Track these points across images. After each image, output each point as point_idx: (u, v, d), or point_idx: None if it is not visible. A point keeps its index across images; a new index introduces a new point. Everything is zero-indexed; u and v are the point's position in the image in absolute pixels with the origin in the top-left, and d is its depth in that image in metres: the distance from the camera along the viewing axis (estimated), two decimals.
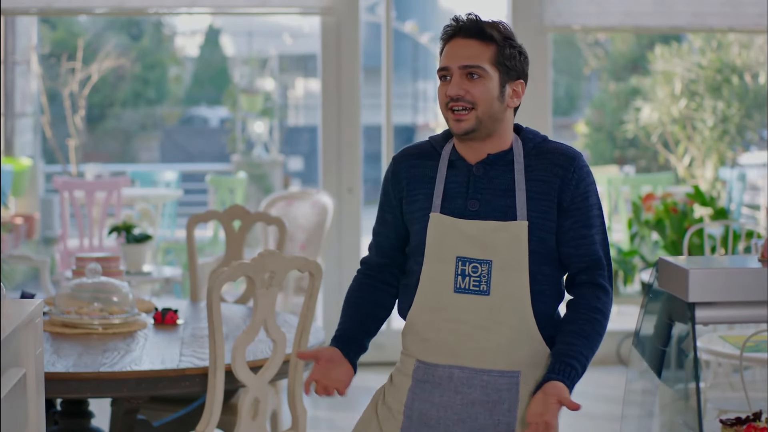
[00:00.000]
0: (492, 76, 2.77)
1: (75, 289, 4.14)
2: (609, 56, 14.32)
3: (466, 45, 2.78)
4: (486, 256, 2.78)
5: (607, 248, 2.86)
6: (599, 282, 2.83)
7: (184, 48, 16.31)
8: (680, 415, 3.20)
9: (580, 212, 2.81)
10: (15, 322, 2.54)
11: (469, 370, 2.81)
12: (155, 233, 8.84)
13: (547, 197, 2.79)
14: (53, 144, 11.35)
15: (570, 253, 2.82)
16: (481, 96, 2.77)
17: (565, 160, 2.81)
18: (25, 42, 10.66)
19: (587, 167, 2.84)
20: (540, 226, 2.78)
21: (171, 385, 3.61)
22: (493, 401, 2.80)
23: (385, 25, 7.30)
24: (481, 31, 2.78)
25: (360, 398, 6.72)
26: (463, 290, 2.79)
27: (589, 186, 2.83)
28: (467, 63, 2.77)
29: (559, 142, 2.88)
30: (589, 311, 2.80)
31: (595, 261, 2.82)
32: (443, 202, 2.82)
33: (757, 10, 7.18)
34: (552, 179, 2.80)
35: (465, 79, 2.78)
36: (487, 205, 2.79)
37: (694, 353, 3.05)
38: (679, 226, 7.23)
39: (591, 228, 2.82)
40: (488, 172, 2.81)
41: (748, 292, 3.02)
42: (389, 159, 7.28)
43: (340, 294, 7.17)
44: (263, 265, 3.56)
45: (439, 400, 2.83)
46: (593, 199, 2.83)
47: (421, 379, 2.86)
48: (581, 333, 2.78)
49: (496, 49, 2.78)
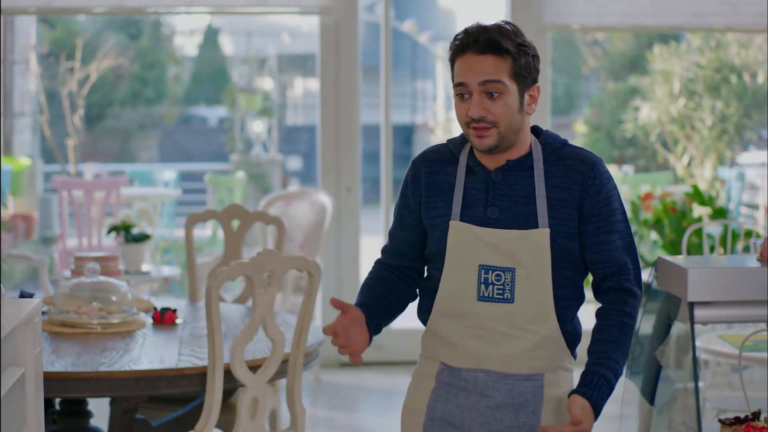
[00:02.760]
0: (511, 89, 2.72)
1: (74, 289, 4.14)
2: (608, 56, 14.32)
3: (481, 61, 2.72)
4: (509, 264, 2.76)
5: (633, 252, 2.82)
6: (625, 286, 2.80)
7: (182, 47, 16.29)
8: (679, 414, 3.20)
9: (602, 218, 2.78)
10: (14, 321, 2.54)
11: (493, 374, 2.80)
12: (154, 233, 8.84)
13: (568, 204, 2.77)
14: (52, 143, 11.35)
15: (594, 259, 2.80)
16: (503, 114, 2.72)
17: (585, 167, 2.78)
18: (24, 41, 10.66)
19: (607, 173, 2.81)
20: (561, 233, 2.76)
21: (170, 385, 3.61)
22: (518, 404, 2.79)
23: (383, 25, 7.30)
24: (496, 44, 2.71)
25: (359, 398, 6.73)
26: (486, 299, 2.77)
27: (610, 192, 2.80)
28: (487, 78, 2.71)
29: (579, 147, 2.84)
30: (616, 316, 2.79)
31: (620, 266, 2.80)
32: (462, 209, 2.79)
33: (755, 10, 7.18)
34: (572, 186, 2.77)
35: (485, 97, 2.72)
36: (507, 212, 2.77)
37: (693, 353, 3.05)
38: (678, 226, 7.23)
39: (613, 233, 2.79)
40: (507, 179, 2.78)
41: (747, 291, 3.02)
42: (388, 158, 7.27)
43: (339, 293, 7.17)
44: (262, 264, 3.56)
45: (464, 403, 2.82)
46: (615, 204, 2.80)
47: (446, 381, 2.84)
48: (610, 339, 2.77)
49: (513, 61, 2.72)
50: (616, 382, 2.77)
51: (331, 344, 2.81)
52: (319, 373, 6.90)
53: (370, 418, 6.32)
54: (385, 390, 6.75)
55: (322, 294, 7.14)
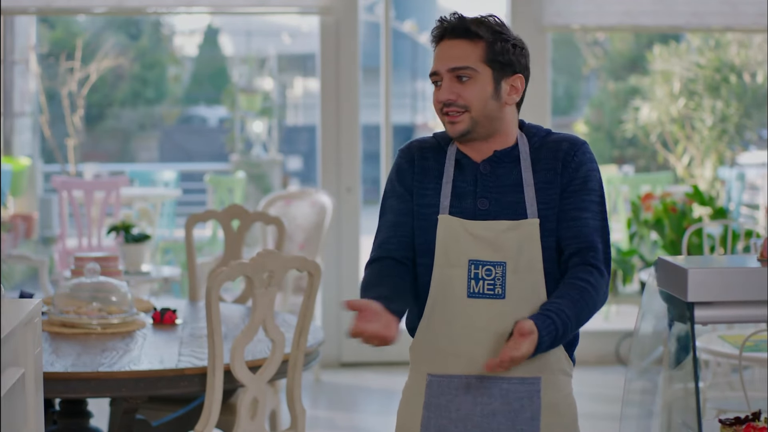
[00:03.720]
0: (483, 74, 2.69)
1: (74, 289, 4.14)
2: (608, 56, 14.31)
3: (453, 46, 2.70)
4: (499, 258, 2.69)
5: (605, 236, 2.74)
6: (592, 262, 2.70)
7: (182, 47, 16.29)
8: (679, 414, 3.20)
9: (577, 195, 2.72)
10: (14, 321, 2.54)
11: (487, 378, 2.71)
12: (154, 233, 8.84)
13: (552, 185, 2.72)
14: (52, 143, 11.34)
15: (563, 235, 2.72)
16: (473, 97, 2.69)
17: (567, 146, 2.74)
18: (24, 41, 10.65)
19: (591, 154, 2.76)
20: (550, 218, 2.71)
21: (170, 385, 3.61)
22: (514, 410, 2.71)
23: (384, 25, 7.30)
24: (466, 29, 2.69)
25: (359, 398, 6.73)
26: (477, 295, 2.70)
27: (589, 172, 2.74)
28: (455, 65, 2.69)
29: (565, 133, 2.80)
30: (578, 281, 2.68)
31: (589, 243, 2.70)
32: (452, 201, 2.74)
33: (755, 10, 7.18)
34: (555, 165, 2.72)
35: (455, 82, 2.70)
36: (497, 203, 2.72)
37: (693, 353, 3.04)
38: (678, 226, 7.23)
39: (586, 211, 2.72)
40: (495, 170, 2.74)
41: (747, 291, 3.01)
42: (388, 158, 7.27)
43: (339, 293, 7.17)
44: (262, 264, 3.56)
45: (457, 415, 2.73)
46: (593, 185, 2.74)
47: (435, 393, 2.75)
48: (567, 297, 2.65)
49: (486, 46, 2.69)
50: (558, 341, 2.64)
51: (363, 344, 2.65)
52: (319, 374, 6.90)
53: (370, 418, 6.32)
54: (385, 390, 6.75)
55: (322, 294, 7.14)
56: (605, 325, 8.07)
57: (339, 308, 7.18)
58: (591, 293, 2.67)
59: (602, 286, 2.71)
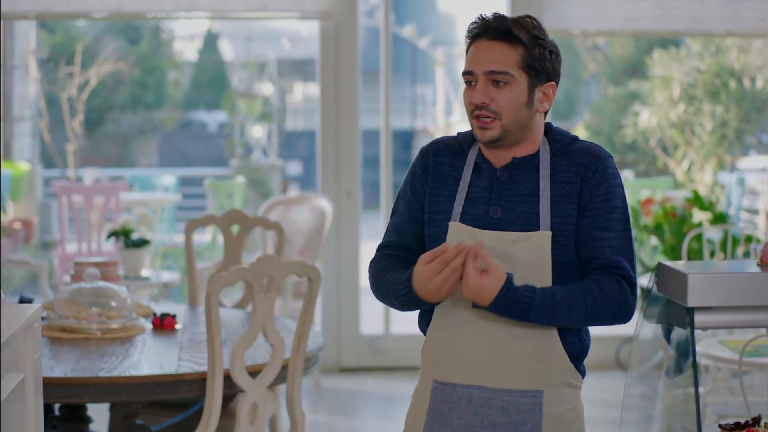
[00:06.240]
0: (519, 81, 2.62)
1: (73, 294, 4.14)
2: (608, 60, 14.32)
3: (491, 48, 2.62)
4: (507, 269, 2.62)
5: (629, 255, 2.66)
6: (615, 275, 2.63)
7: (182, 52, 16.30)
8: (679, 419, 3.20)
9: (599, 213, 2.64)
10: (13, 326, 2.54)
11: (488, 390, 2.68)
12: (154, 238, 8.83)
13: (569, 199, 2.64)
14: (51, 148, 11.34)
15: (585, 255, 2.65)
16: (507, 104, 2.62)
17: (589, 159, 2.66)
18: (24, 46, 10.66)
19: (614, 169, 2.67)
20: (563, 232, 2.63)
21: (169, 390, 3.60)
22: (515, 423, 2.67)
23: (383, 30, 7.30)
24: (507, 32, 2.62)
25: (359, 403, 6.72)
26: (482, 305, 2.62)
27: (612, 188, 2.65)
28: (493, 68, 2.61)
29: (590, 142, 2.72)
30: (588, 281, 2.62)
31: (612, 263, 2.63)
32: (465, 207, 2.69)
33: (755, 15, 7.18)
34: (574, 179, 2.64)
35: (490, 85, 2.62)
36: (510, 212, 2.65)
37: (693, 358, 3.04)
38: (678, 231, 7.23)
39: (609, 231, 2.64)
40: (513, 177, 2.68)
41: (747, 296, 3.01)
42: (388, 163, 7.27)
43: (339, 298, 7.17)
44: (262, 269, 3.56)
45: (458, 424, 2.70)
46: (616, 202, 2.65)
47: (439, 400, 2.73)
48: (567, 286, 2.61)
49: (524, 51, 2.62)
50: (533, 312, 2.58)
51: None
52: (319, 379, 6.90)
53: (370, 423, 6.31)
54: (385, 395, 6.75)
55: (322, 299, 7.14)
56: (605, 330, 8.07)
57: (338, 313, 7.18)
58: (595, 293, 2.61)
59: (617, 297, 2.63)
